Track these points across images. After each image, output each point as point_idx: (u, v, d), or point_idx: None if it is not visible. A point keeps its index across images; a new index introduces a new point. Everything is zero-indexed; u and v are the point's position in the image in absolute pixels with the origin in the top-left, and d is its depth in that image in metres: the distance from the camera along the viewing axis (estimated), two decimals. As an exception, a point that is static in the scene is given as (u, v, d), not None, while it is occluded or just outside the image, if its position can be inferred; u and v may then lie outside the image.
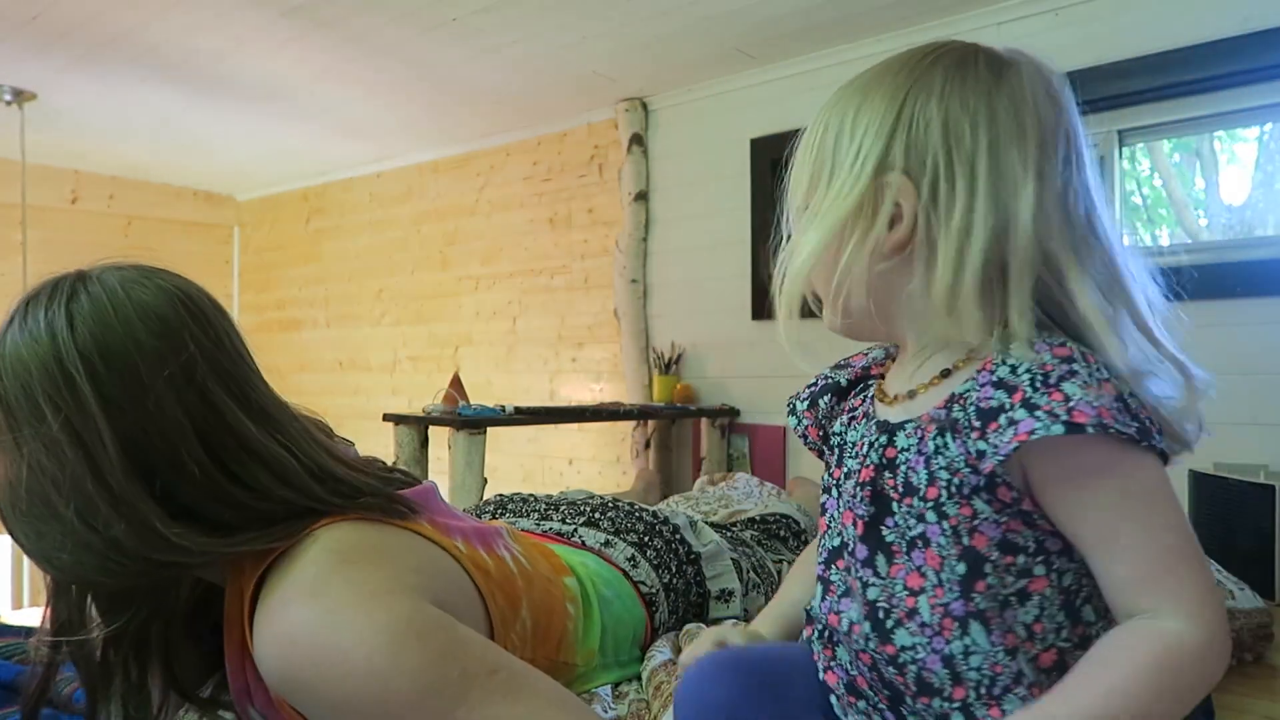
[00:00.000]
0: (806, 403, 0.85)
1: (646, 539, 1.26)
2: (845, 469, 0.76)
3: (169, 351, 0.78)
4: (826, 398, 0.83)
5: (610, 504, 1.35)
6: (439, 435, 2.85)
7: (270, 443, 0.82)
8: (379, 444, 3.97)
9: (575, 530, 1.26)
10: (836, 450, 0.79)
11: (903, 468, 0.69)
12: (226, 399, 0.81)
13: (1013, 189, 0.64)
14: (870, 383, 0.80)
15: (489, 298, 4.33)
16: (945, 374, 0.70)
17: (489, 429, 2.74)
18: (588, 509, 1.33)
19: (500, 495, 1.49)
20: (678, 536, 1.30)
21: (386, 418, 2.88)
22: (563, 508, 1.35)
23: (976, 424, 0.63)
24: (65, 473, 0.74)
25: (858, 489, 0.72)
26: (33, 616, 3.53)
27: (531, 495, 1.46)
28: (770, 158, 3.22)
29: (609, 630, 1.09)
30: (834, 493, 0.77)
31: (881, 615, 0.69)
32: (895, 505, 0.69)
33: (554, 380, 4.06)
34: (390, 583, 0.77)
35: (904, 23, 2.89)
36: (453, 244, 4.50)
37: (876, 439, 0.72)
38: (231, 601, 0.81)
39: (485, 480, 2.69)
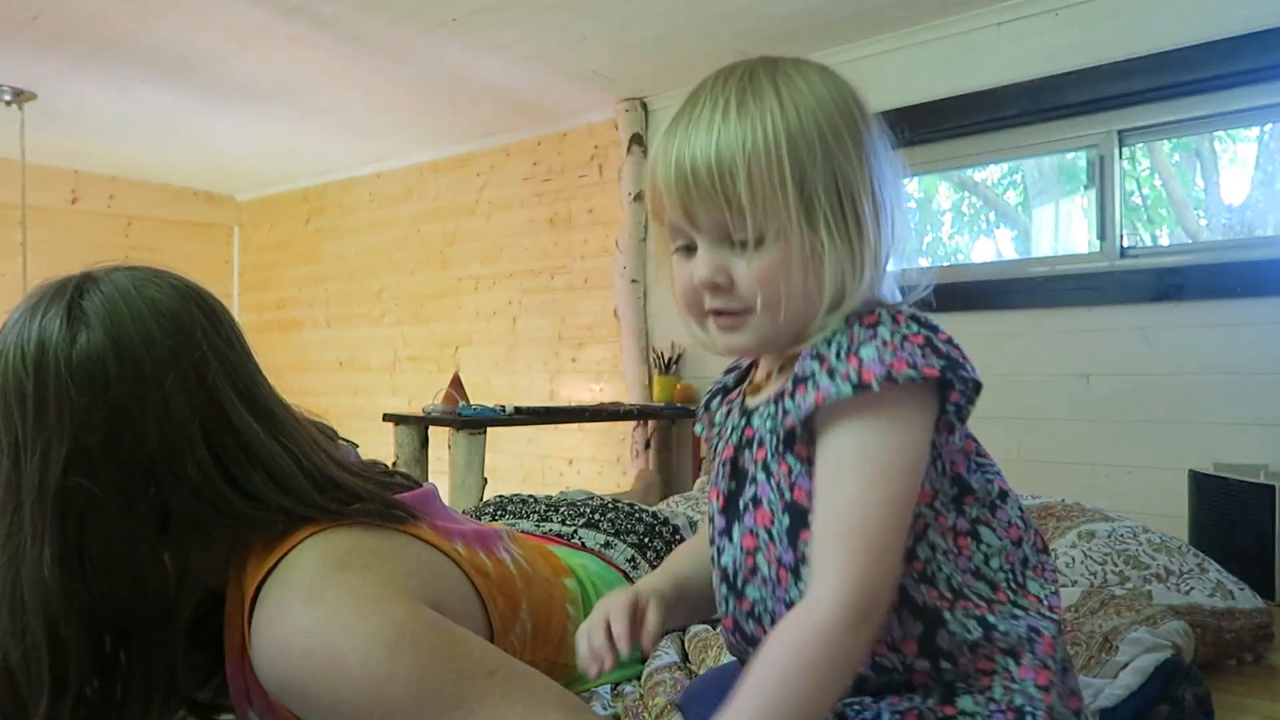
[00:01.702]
0: (704, 408, 0.92)
1: (646, 540, 1.26)
2: (715, 452, 0.84)
3: (182, 349, 0.78)
4: (717, 399, 0.89)
5: (610, 505, 1.35)
6: (439, 435, 2.85)
7: (273, 445, 0.82)
8: (379, 444, 3.98)
9: (575, 532, 1.26)
10: (716, 439, 0.86)
11: (756, 443, 0.76)
12: (234, 399, 0.80)
13: (889, 209, 0.72)
14: (746, 380, 0.89)
15: (489, 298, 4.33)
16: (794, 358, 0.74)
17: (489, 429, 2.74)
18: (587, 510, 1.33)
19: (500, 496, 1.49)
20: (678, 537, 1.30)
21: (386, 418, 2.89)
22: (562, 509, 1.35)
23: (789, 389, 0.70)
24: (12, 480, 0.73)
25: (721, 467, 0.80)
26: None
27: (531, 496, 1.46)
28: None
29: (609, 632, 1.09)
30: (711, 476, 0.84)
31: (732, 577, 0.76)
32: (749, 479, 0.76)
33: (554, 380, 4.06)
34: (386, 587, 0.77)
35: (903, 23, 2.88)
36: (453, 244, 4.50)
37: (738, 422, 0.80)
38: (232, 607, 0.81)
39: (485, 480, 2.69)
